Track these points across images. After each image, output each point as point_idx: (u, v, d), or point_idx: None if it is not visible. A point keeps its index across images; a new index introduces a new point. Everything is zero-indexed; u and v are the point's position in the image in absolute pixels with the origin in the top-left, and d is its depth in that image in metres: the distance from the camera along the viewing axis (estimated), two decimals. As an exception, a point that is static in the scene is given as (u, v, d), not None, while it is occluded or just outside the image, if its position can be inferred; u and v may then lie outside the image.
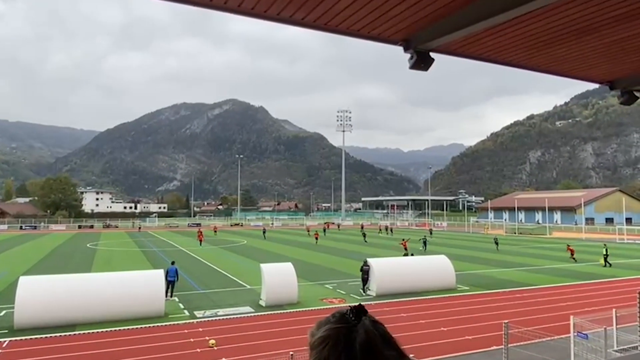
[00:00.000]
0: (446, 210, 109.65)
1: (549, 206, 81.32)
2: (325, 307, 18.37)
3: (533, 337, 11.63)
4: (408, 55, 4.39)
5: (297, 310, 17.64)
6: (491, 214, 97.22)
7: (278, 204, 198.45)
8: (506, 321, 10.61)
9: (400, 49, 4.40)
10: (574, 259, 33.11)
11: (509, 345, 10.31)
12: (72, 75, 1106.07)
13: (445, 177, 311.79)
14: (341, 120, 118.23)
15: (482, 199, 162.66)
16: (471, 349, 12.71)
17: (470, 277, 25.50)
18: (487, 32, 4.17)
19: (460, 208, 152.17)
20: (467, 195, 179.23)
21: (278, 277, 18.85)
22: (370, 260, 21.58)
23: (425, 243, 41.35)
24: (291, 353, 8.76)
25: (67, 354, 12.35)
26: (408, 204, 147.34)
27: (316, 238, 50.88)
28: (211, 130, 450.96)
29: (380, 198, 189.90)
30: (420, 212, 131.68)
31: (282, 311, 17.37)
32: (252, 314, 17.00)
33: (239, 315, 16.79)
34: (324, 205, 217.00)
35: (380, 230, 73.75)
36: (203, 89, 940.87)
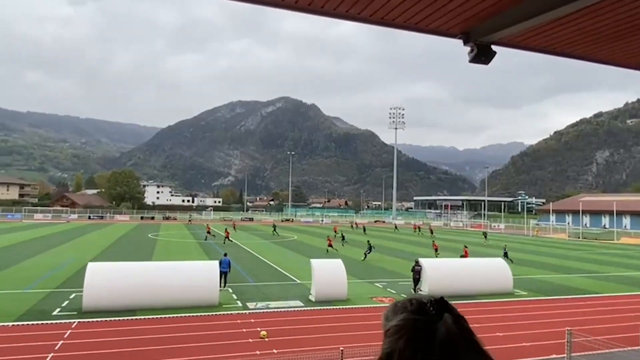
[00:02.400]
0: (504, 211, 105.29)
1: (617, 210, 75.90)
2: (374, 305, 18.25)
3: (600, 346, 10.89)
4: (461, 50, 4.26)
5: (347, 307, 17.67)
6: (553, 217, 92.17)
7: (328, 201, 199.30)
8: (569, 328, 10.01)
9: (454, 44, 4.28)
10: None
11: (572, 354, 9.73)
12: (134, 75, 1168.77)
13: (504, 177, 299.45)
14: (393, 118, 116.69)
15: (543, 200, 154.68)
16: (528, 356, 12.16)
17: (529, 282, 24.36)
18: (553, 23, 3.96)
19: (519, 210, 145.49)
20: (526, 197, 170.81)
21: (328, 273, 18.96)
22: (422, 261, 21.18)
23: (506, 254, 33.91)
24: (341, 349, 8.80)
25: (128, 337, 13.12)
26: (463, 204, 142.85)
27: (330, 245, 37.91)
28: (264, 128, 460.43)
29: (433, 197, 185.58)
30: (476, 213, 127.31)
31: (331, 307, 17.46)
32: (302, 308, 17.22)
33: (289, 309, 17.07)
34: (374, 203, 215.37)
35: (415, 229, 71.76)
36: (257, 87, 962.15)
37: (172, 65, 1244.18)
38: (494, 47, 4.31)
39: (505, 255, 32.44)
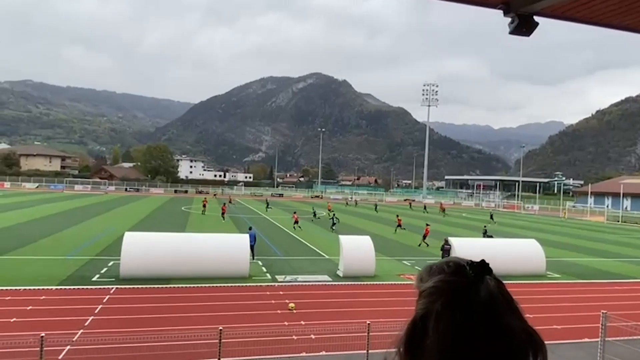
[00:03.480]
0: (539, 193, 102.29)
1: (662, 194, 72.37)
2: (402, 282, 18.30)
3: (637, 331, 10.56)
4: (499, 23, 4.08)
5: (374, 283, 17.79)
6: (591, 199, 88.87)
7: (358, 179, 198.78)
8: (605, 311, 9.74)
9: (491, 16, 4.11)
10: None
11: (607, 338, 9.49)
12: (168, 51, 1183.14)
13: (540, 158, 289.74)
14: (427, 95, 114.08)
15: (582, 182, 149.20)
16: (559, 339, 11.96)
17: (563, 265, 23.78)
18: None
19: (555, 191, 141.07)
20: (563, 178, 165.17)
21: (356, 250, 19.08)
22: (451, 240, 20.98)
23: (485, 232, 32.53)
24: (368, 322, 8.91)
25: (162, 304, 13.69)
26: (496, 184, 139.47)
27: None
28: (295, 104, 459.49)
29: (465, 177, 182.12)
30: (509, 193, 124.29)
31: (358, 282, 17.63)
32: (330, 283, 17.46)
33: (317, 283, 17.35)
34: (404, 181, 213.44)
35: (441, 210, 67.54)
36: (288, 63, 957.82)
37: (204, 41, 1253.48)
38: (536, 18, 4.12)
39: (485, 234, 30.95)
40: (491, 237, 29.08)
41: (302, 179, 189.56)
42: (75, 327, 11.15)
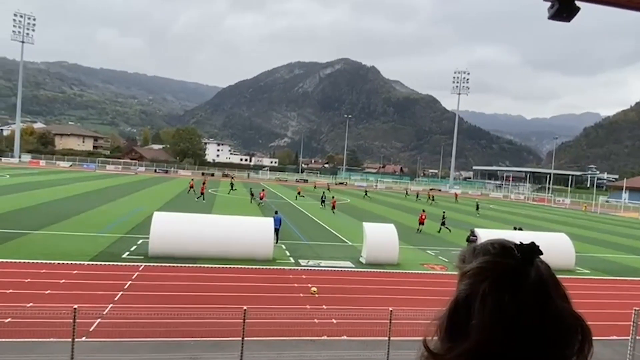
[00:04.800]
0: (571, 186, 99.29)
1: (703, 191, 69.12)
2: (425, 271, 18.20)
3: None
4: (534, 10, 3.91)
5: (397, 271, 17.75)
6: (625, 195, 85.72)
7: (383, 167, 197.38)
8: (638, 309, 9.45)
9: (523, 2, 3.93)
10: None
11: (638, 336, 9.22)
12: (197, 34, 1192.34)
13: (574, 150, 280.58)
14: (457, 82, 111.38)
15: (616, 177, 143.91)
16: (585, 335, 11.69)
17: (593, 260, 23.15)
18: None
19: (588, 185, 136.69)
20: (597, 172, 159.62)
21: (380, 237, 19.03)
22: (478, 231, 20.67)
23: (444, 223, 31.17)
24: (390, 309, 8.92)
25: (188, 282, 14.05)
26: (526, 176, 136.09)
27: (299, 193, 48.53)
28: (322, 90, 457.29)
29: (494, 168, 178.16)
30: (540, 186, 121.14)
31: (381, 270, 17.62)
32: (352, 269, 17.52)
33: (339, 269, 17.44)
34: (430, 171, 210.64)
35: (409, 195, 67.51)
36: (316, 48, 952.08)
37: (232, 25, 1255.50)
38: (577, 3, 3.94)
39: (443, 224, 30.46)
40: (521, 229, 28.66)
41: (326, 165, 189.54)
42: (106, 301, 11.58)
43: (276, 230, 20.82)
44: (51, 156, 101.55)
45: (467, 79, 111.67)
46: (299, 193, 50.69)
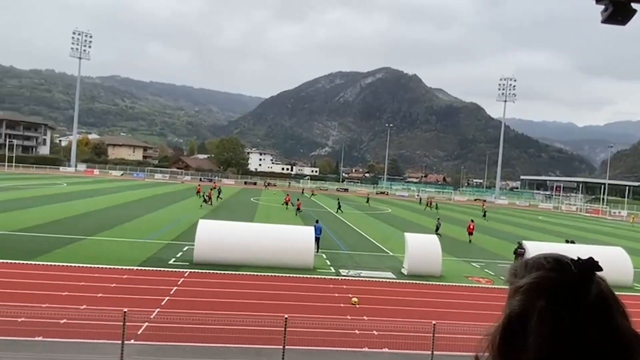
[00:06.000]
0: (628, 197, 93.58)
1: None
2: (470, 285, 17.65)
3: None
4: (585, 12, 3.75)
5: (440, 283, 17.32)
6: (689, 207, 79.75)
7: (425, 176, 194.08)
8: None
9: (572, 6, 3.78)
10: None
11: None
12: (241, 46, 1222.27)
13: (630, 159, 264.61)
14: (503, 89, 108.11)
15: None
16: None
17: (653, 277, 21.61)
18: None
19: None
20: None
21: (422, 248, 18.66)
22: (526, 244, 19.86)
23: (438, 228, 31.34)
24: (434, 323, 8.70)
25: (231, 289, 14.31)
26: (578, 186, 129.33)
27: (298, 208, 39.90)
28: (363, 99, 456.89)
29: (543, 177, 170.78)
30: (593, 197, 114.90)
31: (424, 282, 17.24)
32: (394, 280, 17.25)
33: (380, 279, 17.21)
34: (475, 180, 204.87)
35: (422, 202, 63.94)
36: (357, 57, 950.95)
37: (275, 36, 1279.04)
38: (634, 5, 3.76)
39: (437, 229, 29.87)
40: (573, 242, 27.37)
41: (367, 174, 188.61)
42: (153, 305, 11.99)
43: (317, 239, 20.86)
44: (104, 165, 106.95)
45: (514, 86, 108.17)
46: (312, 193, 55.08)
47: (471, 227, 30.22)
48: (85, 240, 20.46)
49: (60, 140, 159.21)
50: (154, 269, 16.20)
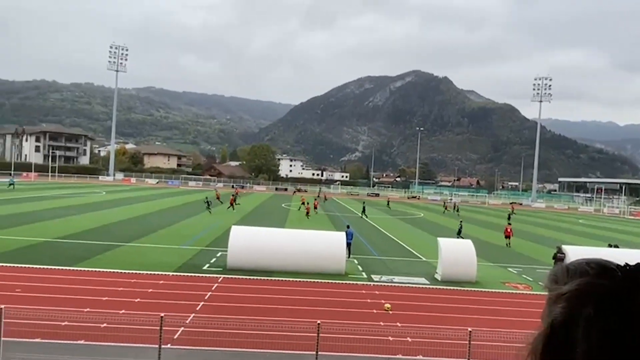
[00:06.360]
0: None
1: None
2: (507, 290, 17.14)
3: None
4: (617, 9, 3.54)
5: (475, 289, 16.89)
6: None
7: (458, 180, 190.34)
8: None
9: (609, 1, 3.57)
10: None
11: None
12: (269, 55, 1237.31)
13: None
14: (538, 89, 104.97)
15: None
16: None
17: None
18: None
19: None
20: None
21: (456, 253, 18.28)
22: (566, 248, 19.13)
23: (460, 231, 30.53)
24: (469, 330, 8.48)
25: (264, 294, 14.42)
26: (621, 188, 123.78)
27: (307, 211, 41.87)
28: (392, 103, 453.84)
29: (583, 179, 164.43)
30: (638, 198, 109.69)
31: (458, 288, 16.87)
32: (427, 286, 16.95)
33: (414, 285, 16.95)
34: (510, 183, 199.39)
35: (446, 207, 61.44)
36: (386, 62, 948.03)
37: (304, 44, 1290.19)
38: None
39: (459, 232, 29.17)
40: (617, 246, 26.15)
41: (398, 178, 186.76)
42: (188, 310, 12.22)
43: (348, 245, 20.77)
44: (140, 174, 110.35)
45: (549, 85, 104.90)
46: (325, 199, 58.04)
47: (508, 230, 29.50)
48: (124, 247, 21.12)
49: (99, 151, 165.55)
50: (189, 274, 16.53)
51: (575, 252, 18.85)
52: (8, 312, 8.08)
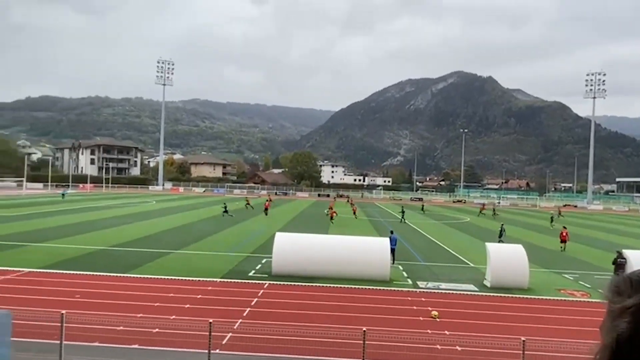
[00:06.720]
0: None
1: None
2: (562, 298, 16.29)
3: None
4: None
5: (528, 297, 16.18)
6: None
7: (506, 182, 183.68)
8: None
9: None
10: None
11: None
12: (309, 62, 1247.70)
13: None
14: (591, 85, 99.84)
15: None
16: None
17: None
18: None
19: None
20: None
21: (506, 259, 17.60)
22: (627, 253, 17.98)
23: (501, 234, 29.44)
24: (523, 339, 8.11)
25: (309, 301, 14.45)
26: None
27: (331, 216, 40.85)
28: (435, 105, 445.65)
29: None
30: None
31: (509, 295, 16.22)
32: (476, 293, 16.41)
33: (462, 292, 16.46)
34: (563, 185, 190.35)
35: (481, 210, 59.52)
36: (427, 64, 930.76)
37: (343, 50, 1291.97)
38: None
39: (500, 235, 28.02)
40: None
41: (442, 182, 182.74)
42: (236, 316, 12.46)
43: (392, 251, 20.49)
44: (188, 183, 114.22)
45: (603, 81, 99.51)
46: (351, 204, 56.88)
47: (564, 234, 28.08)
48: (173, 254, 21.87)
49: (149, 161, 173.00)
50: (236, 280, 16.87)
51: (637, 257, 17.68)
52: (69, 317, 8.55)
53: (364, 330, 8.29)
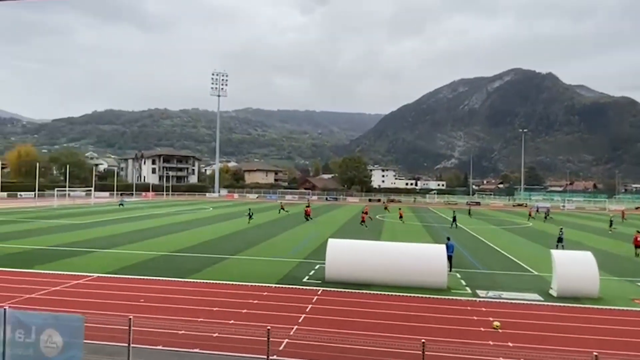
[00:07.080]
0: None
1: None
2: (637, 308, 15.06)
3: None
4: None
5: (598, 307, 15.09)
6: None
7: (570, 184, 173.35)
8: None
9: None
10: None
11: None
12: (357, 67, 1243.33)
13: None
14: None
15: None
16: None
17: None
18: None
19: None
20: None
21: (574, 266, 16.53)
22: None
23: (560, 239, 27.25)
24: (595, 354, 7.54)
25: (363, 308, 14.29)
26: None
27: (362, 220, 41.30)
28: (490, 105, 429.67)
29: None
30: None
31: (577, 305, 15.21)
32: (541, 303, 15.53)
33: (525, 302, 15.64)
34: (634, 186, 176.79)
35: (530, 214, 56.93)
36: (481, 62, 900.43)
37: (392, 53, 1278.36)
38: None
39: (560, 240, 26.32)
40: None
41: (501, 185, 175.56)
42: (292, 322, 12.56)
43: (449, 258, 19.87)
44: (242, 189, 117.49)
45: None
46: (385, 208, 62.00)
47: (638, 239, 26.04)
48: (230, 259, 22.48)
49: (205, 170, 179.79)
50: (290, 286, 17.03)
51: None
52: (135, 321, 8.98)
53: (423, 342, 8.06)
